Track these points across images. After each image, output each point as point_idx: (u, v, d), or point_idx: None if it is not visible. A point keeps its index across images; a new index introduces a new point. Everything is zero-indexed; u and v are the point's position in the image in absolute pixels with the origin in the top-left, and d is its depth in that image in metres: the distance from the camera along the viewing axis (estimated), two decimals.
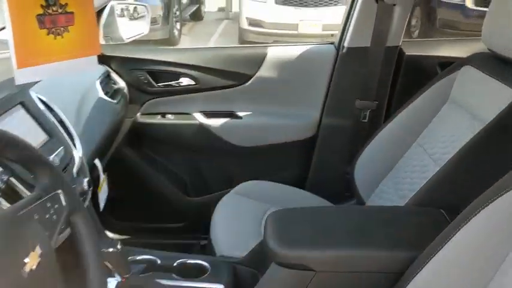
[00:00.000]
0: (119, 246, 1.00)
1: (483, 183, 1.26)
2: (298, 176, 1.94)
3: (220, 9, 9.66)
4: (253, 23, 6.60)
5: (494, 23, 1.34)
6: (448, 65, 1.71)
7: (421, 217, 1.18)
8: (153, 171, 1.95)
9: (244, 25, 6.71)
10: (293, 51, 1.83)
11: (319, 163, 1.89)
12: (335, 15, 6.15)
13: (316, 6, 6.37)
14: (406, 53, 1.76)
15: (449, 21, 6.66)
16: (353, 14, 1.71)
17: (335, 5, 6.34)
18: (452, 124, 1.46)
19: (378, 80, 1.72)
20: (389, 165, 1.64)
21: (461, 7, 6.53)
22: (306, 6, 6.37)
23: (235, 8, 8.51)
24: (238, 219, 1.61)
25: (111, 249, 0.99)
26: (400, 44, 1.73)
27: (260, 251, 1.30)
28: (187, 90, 1.86)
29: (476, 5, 6.44)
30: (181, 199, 1.96)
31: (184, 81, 1.85)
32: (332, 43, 1.84)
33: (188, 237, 1.96)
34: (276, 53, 1.83)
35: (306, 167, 1.92)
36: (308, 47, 1.83)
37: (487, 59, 1.45)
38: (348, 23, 1.74)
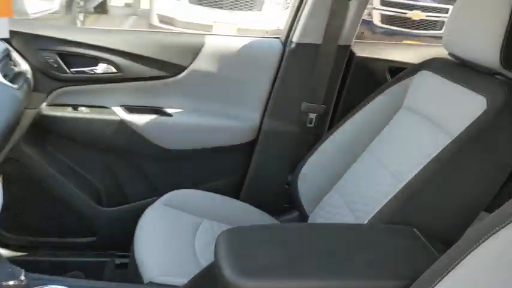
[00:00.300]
0: (22, 278, 0.74)
1: (457, 200, 1.15)
2: (233, 184, 1.72)
3: (127, 5, 9.16)
4: (164, 20, 6.26)
5: (460, 28, 1.24)
6: (397, 71, 1.61)
7: (397, 238, 1.02)
8: (58, 175, 1.61)
9: (155, 22, 6.34)
10: (234, 43, 1.61)
11: (258, 171, 1.69)
12: (250, 19, 6.08)
13: (231, 8, 6.21)
14: (357, 54, 1.64)
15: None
16: (304, 6, 1.54)
17: (250, 9, 6.25)
18: (409, 133, 1.35)
19: (327, 82, 1.57)
20: (337, 176, 1.49)
21: (369, 23, 6.76)
22: (220, 7, 6.19)
23: (143, 5, 8.10)
24: (168, 236, 1.36)
25: (12, 282, 0.74)
26: (352, 44, 1.60)
27: (206, 278, 1.06)
28: (107, 79, 1.56)
29: (383, 22, 6.74)
30: (92, 209, 1.65)
31: (104, 68, 1.54)
32: (278, 37, 1.65)
33: (100, 255, 1.65)
34: (214, 43, 1.60)
35: (242, 175, 1.71)
36: (251, 39, 1.63)
37: (446, 64, 1.35)
38: (298, 16, 1.56)
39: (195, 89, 1.62)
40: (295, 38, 1.56)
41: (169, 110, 1.62)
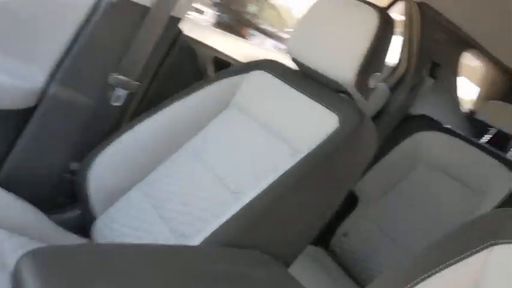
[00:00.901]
0: None
1: (300, 223, 1.03)
2: None
3: None
4: None
5: (316, 38, 1.15)
6: (221, 64, 1.44)
7: (257, 270, 0.83)
8: None
9: None
10: None
11: (28, 150, 1.24)
12: None
13: None
14: (184, 33, 1.38)
15: None
16: None
17: None
18: (242, 138, 1.18)
19: (149, 56, 1.26)
20: (143, 172, 1.22)
21: None
22: None
23: None
24: None
25: None
26: (183, 18, 1.33)
27: None
28: None
29: None
30: None
31: None
32: None
33: None
34: None
35: (2, 152, 1.23)
36: None
37: (287, 70, 1.25)
38: None
39: None
40: None
41: None
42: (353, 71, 1.07)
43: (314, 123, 1.08)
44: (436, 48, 1.92)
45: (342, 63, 1.09)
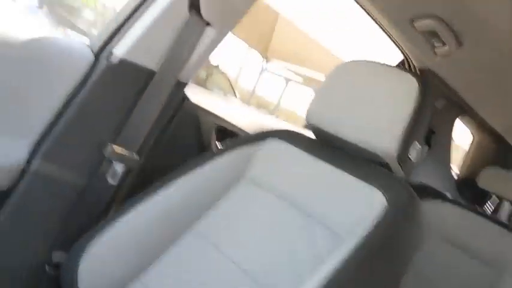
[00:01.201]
0: None
1: None
2: None
3: None
4: None
5: (348, 107, 1.03)
6: (225, 133, 1.30)
7: None
8: None
9: None
10: (16, 33, 0.98)
11: (1, 236, 1.02)
12: None
13: None
14: (190, 99, 1.23)
15: None
16: (141, 15, 1.06)
17: None
18: (264, 219, 1.02)
19: (151, 125, 1.10)
20: (146, 263, 1.03)
21: None
22: None
23: None
24: None
25: None
26: (188, 83, 1.18)
27: None
28: None
29: None
30: None
31: None
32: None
33: None
34: None
35: None
36: (44, 36, 1.02)
37: (309, 140, 1.12)
38: (127, 24, 1.07)
39: None
40: (118, 50, 1.05)
41: None
42: (395, 142, 0.95)
43: (357, 203, 0.94)
44: (432, 115, 1.87)
45: (382, 134, 0.97)
